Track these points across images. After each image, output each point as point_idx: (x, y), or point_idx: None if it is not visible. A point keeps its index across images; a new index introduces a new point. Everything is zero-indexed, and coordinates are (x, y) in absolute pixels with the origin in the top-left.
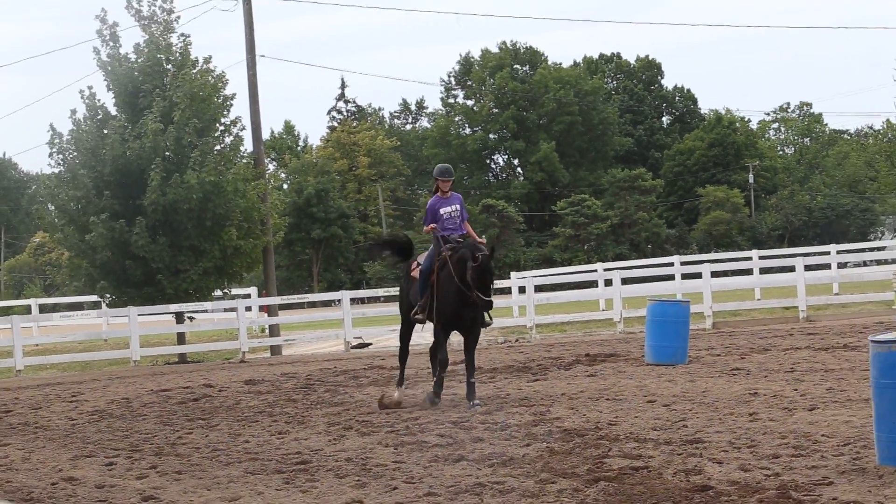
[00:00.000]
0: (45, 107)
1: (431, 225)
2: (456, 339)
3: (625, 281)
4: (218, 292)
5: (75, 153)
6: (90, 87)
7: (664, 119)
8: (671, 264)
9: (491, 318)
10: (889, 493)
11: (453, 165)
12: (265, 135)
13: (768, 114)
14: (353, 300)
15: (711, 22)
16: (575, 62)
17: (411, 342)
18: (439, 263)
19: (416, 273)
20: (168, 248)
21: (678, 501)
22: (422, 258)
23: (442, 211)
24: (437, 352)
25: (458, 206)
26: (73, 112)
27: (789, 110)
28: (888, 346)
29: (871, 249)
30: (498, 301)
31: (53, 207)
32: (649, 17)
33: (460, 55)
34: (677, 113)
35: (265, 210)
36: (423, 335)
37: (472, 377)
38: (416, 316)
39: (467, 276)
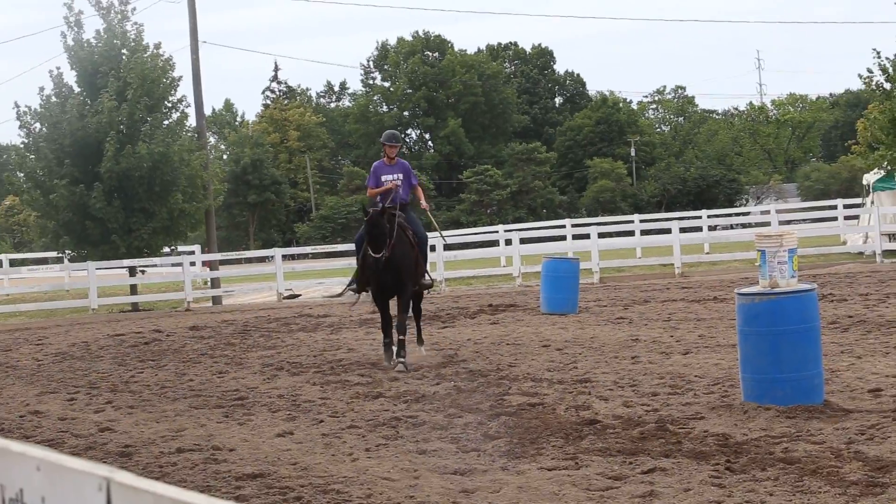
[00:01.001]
0: (14, 85)
1: (374, 189)
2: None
3: (523, 241)
4: (166, 249)
5: (40, 126)
6: (58, 68)
7: (557, 99)
8: (563, 226)
9: (432, 280)
10: (752, 425)
11: (371, 139)
12: (207, 111)
13: (647, 96)
14: (284, 257)
15: (597, 15)
16: (479, 49)
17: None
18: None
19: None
20: (122, 210)
21: (569, 433)
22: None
23: (384, 177)
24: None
25: (400, 175)
26: (42, 89)
27: (666, 93)
28: (751, 299)
29: (737, 214)
30: None
31: (21, 174)
32: (543, 10)
33: (378, 42)
34: (568, 94)
35: (207, 177)
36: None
37: (401, 334)
38: (347, 289)
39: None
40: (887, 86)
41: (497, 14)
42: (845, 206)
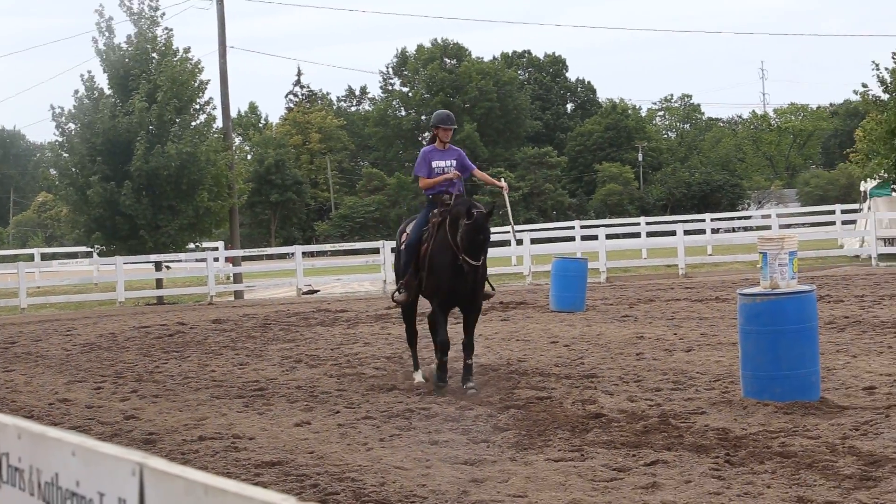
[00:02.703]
0: (48, 88)
1: (428, 180)
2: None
3: (533, 241)
4: (191, 245)
5: (74, 126)
6: (90, 72)
7: (568, 106)
8: (573, 228)
9: (493, 288)
10: (752, 420)
11: (389, 142)
12: (233, 114)
13: (655, 103)
14: (304, 254)
15: (609, 25)
16: (494, 57)
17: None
18: (431, 229)
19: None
20: (150, 207)
21: (576, 426)
22: (412, 225)
23: (435, 164)
24: (436, 333)
25: (454, 162)
26: (76, 92)
27: (672, 100)
28: (752, 299)
29: (739, 218)
30: None
31: (55, 171)
32: (557, 20)
33: (397, 49)
34: (579, 101)
35: (232, 177)
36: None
37: (468, 358)
38: (396, 297)
39: (458, 239)
40: (885, 97)
41: (512, 23)
42: (843, 212)
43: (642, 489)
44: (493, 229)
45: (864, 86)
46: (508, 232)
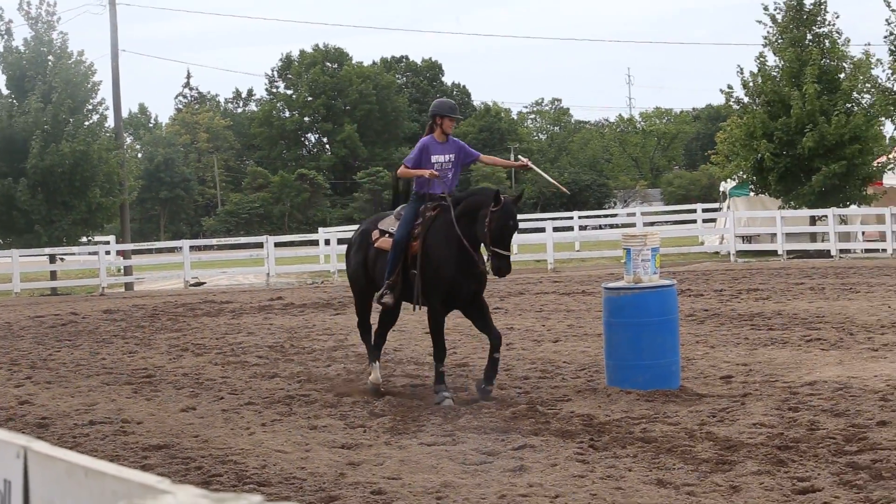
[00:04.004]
0: None
1: (409, 170)
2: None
3: None
4: (84, 239)
5: None
6: None
7: None
8: None
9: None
10: (615, 407)
11: (274, 142)
12: (125, 114)
13: (527, 106)
14: (191, 248)
15: (483, 32)
16: (374, 62)
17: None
18: (426, 223)
19: (382, 243)
20: (45, 203)
21: (447, 412)
22: (386, 223)
23: (435, 159)
24: (439, 337)
25: (452, 157)
26: None
27: (544, 104)
28: (617, 292)
29: (606, 216)
30: (309, 250)
31: None
32: (433, 27)
33: (282, 54)
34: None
35: (123, 174)
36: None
37: (497, 352)
38: (384, 299)
39: (484, 229)
40: (746, 100)
41: (391, 30)
42: (704, 210)
43: (510, 472)
44: (355, 227)
45: (729, 87)
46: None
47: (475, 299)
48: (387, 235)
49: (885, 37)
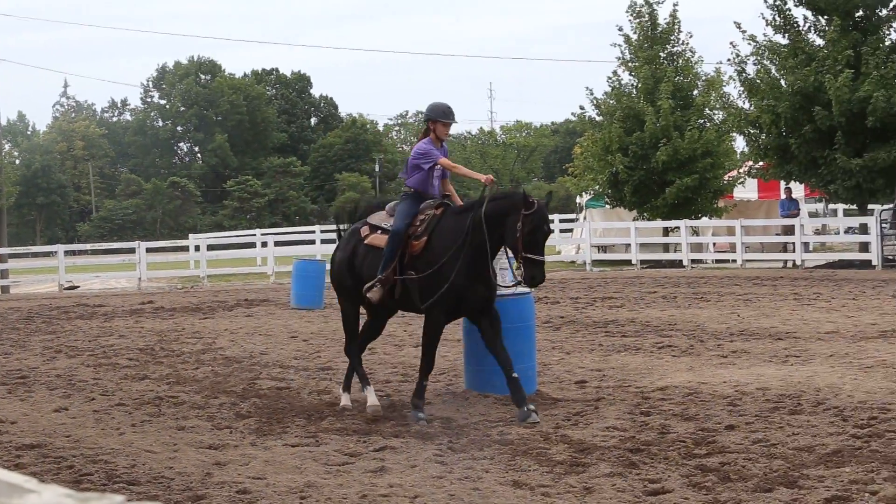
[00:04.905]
0: None
1: (458, 167)
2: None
3: (277, 244)
4: None
5: None
6: None
7: (312, 120)
8: (313, 232)
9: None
10: (473, 410)
11: (147, 150)
12: (3, 121)
13: (392, 118)
14: (66, 252)
15: (350, 46)
16: (245, 74)
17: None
18: (429, 221)
19: (374, 239)
20: None
21: (312, 414)
22: (377, 219)
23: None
24: (431, 350)
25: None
26: None
27: (408, 116)
28: None
29: None
30: (179, 256)
31: None
32: (302, 41)
33: (158, 65)
34: (322, 115)
35: (0, 180)
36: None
37: (513, 371)
38: (371, 293)
39: (516, 234)
40: (598, 118)
41: (263, 43)
42: (561, 221)
43: (371, 473)
44: (224, 234)
45: (581, 108)
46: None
47: (486, 308)
48: (379, 232)
49: (729, 59)
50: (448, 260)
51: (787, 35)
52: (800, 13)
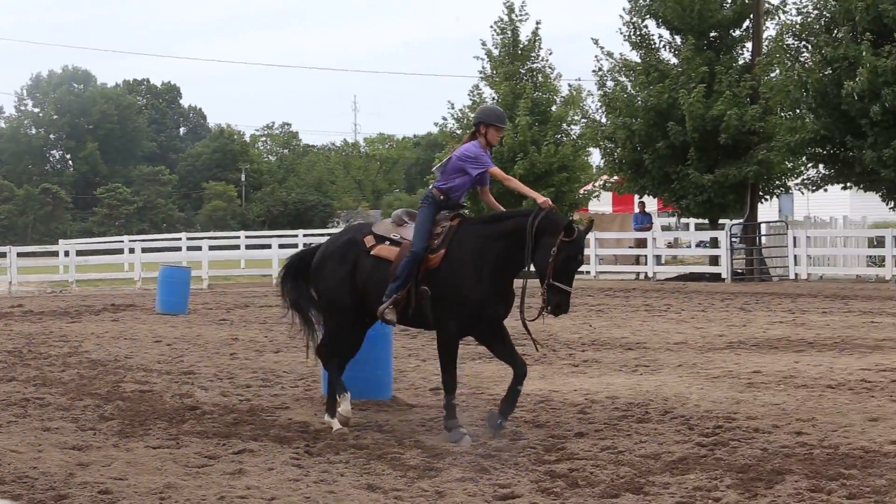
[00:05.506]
0: None
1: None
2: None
3: (144, 250)
4: None
5: None
6: None
7: (181, 129)
8: (180, 239)
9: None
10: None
11: (20, 157)
12: None
13: (258, 129)
14: None
15: (219, 58)
16: (117, 83)
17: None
18: (448, 235)
19: (382, 250)
20: None
21: (173, 417)
22: (383, 228)
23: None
24: (452, 366)
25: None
26: None
27: (274, 128)
28: None
29: (329, 234)
30: (49, 261)
31: None
32: (173, 52)
33: (32, 73)
34: (191, 125)
35: None
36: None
37: (521, 384)
38: (387, 315)
39: (548, 258)
40: (459, 132)
41: (134, 54)
42: None
43: (230, 475)
44: (93, 240)
45: (444, 119)
46: None
47: (497, 324)
48: (387, 243)
49: (593, 71)
50: (469, 275)
51: (642, 53)
52: (656, 31)
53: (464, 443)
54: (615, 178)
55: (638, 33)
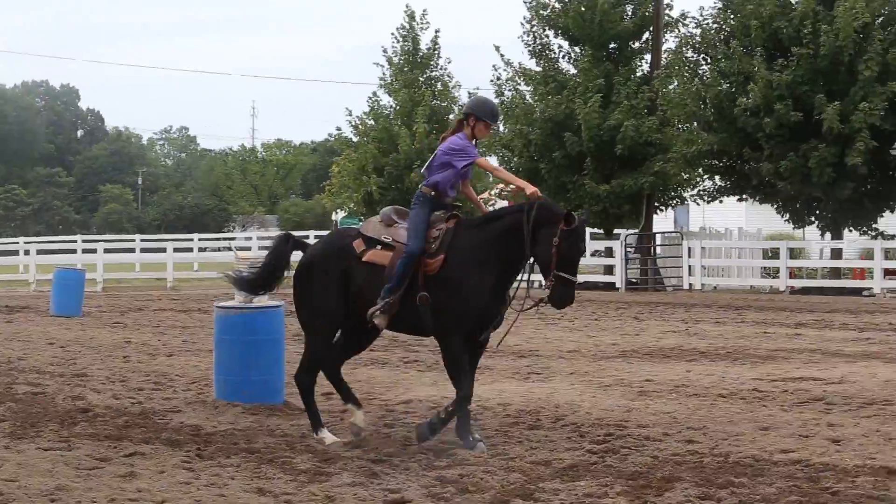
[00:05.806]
0: None
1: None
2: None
3: (39, 252)
4: None
5: None
6: None
7: (79, 132)
8: (76, 241)
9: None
10: (222, 419)
11: None
12: None
13: (156, 133)
14: None
15: (118, 62)
16: (15, 85)
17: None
18: (446, 237)
19: (374, 255)
20: None
21: (65, 419)
22: (372, 230)
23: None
24: (465, 377)
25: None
26: None
27: (172, 131)
28: (227, 311)
29: (225, 239)
30: None
31: None
32: (73, 54)
33: None
34: (89, 128)
35: None
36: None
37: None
38: (377, 319)
39: (551, 249)
40: (355, 139)
41: (33, 55)
42: (315, 237)
43: (121, 477)
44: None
45: (339, 129)
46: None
47: (482, 343)
48: (379, 247)
49: (491, 80)
50: (472, 280)
51: (541, 62)
52: (555, 42)
53: (478, 448)
54: (511, 186)
55: (538, 42)
